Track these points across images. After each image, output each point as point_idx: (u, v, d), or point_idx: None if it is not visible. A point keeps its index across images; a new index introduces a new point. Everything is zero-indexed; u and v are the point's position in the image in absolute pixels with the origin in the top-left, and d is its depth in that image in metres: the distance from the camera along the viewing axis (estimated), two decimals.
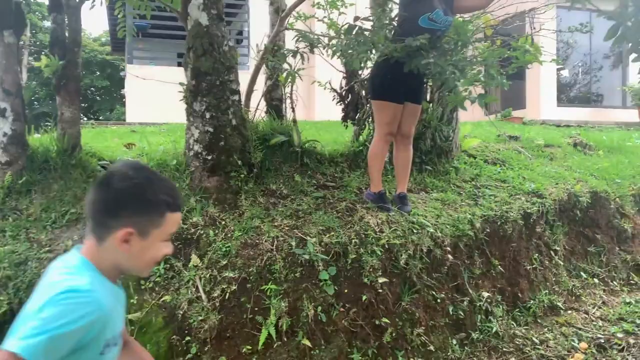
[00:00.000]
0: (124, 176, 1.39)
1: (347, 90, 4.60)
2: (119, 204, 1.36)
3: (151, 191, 1.39)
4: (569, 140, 6.47)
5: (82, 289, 1.27)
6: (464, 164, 5.08)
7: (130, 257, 1.39)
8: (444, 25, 3.59)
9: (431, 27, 3.52)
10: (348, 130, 5.05)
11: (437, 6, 3.56)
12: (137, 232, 1.37)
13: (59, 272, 1.34)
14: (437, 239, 3.77)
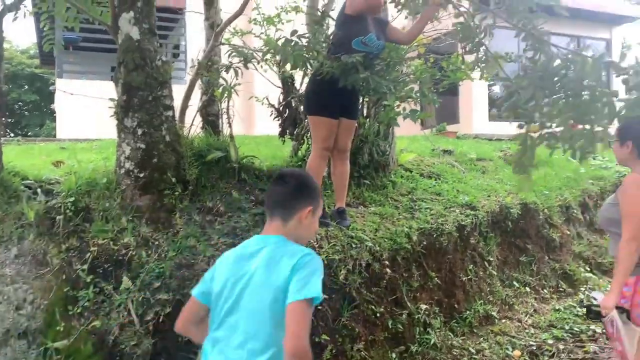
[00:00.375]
0: (294, 173, 2.04)
1: (284, 105, 4.59)
2: (301, 191, 1.93)
3: (314, 182, 2.01)
4: (500, 154, 6.74)
5: (309, 249, 1.81)
6: (401, 178, 5.17)
7: (306, 228, 1.91)
8: (376, 49, 3.67)
9: (364, 49, 3.58)
10: (287, 145, 5.03)
11: (370, 30, 3.63)
12: (312, 210, 1.91)
13: (280, 245, 1.82)
14: (375, 253, 3.80)
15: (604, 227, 2.87)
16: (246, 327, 1.71)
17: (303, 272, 1.69)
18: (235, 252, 1.91)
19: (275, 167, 4.44)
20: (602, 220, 2.80)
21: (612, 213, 2.62)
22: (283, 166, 4.52)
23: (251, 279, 1.76)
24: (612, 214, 2.61)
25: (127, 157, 3.61)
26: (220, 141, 4.23)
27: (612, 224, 2.62)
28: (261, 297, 1.71)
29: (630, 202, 2.49)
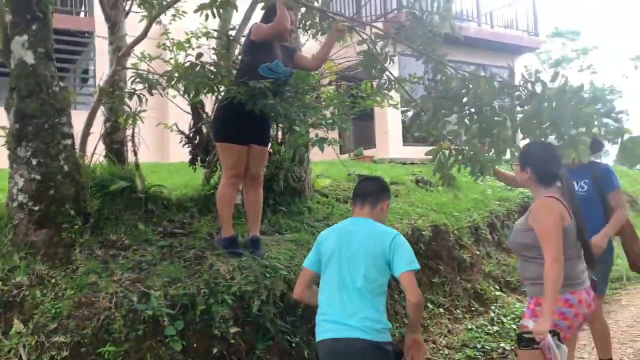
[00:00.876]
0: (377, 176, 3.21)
1: (194, 131, 4.47)
2: (384, 188, 2.81)
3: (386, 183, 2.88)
4: (412, 177, 6.93)
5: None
6: (317, 204, 5.17)
7: (384, 215, 2.73)
8: (283, 75, 3.66)
9: (271, 76, 3.57)
10: (199, 173, 4.89)
11: (277, 57, 3.63)
12: (388, 204, 2.76)
13: (372, 224, 2.62)
14: (290, 282, 3.72)
15: (515, 251, 2.93)
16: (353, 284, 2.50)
17: (403, 249, 2.52)
18: (335, 229, 2.71)
19: (185, 197, 4.29)
20: (515, 246, 2.83)
21: (525, 238, 2.67)
22: (194, 195, 4.37)
23: (355, 246, 2.54)
24: (525, 239, 2.66)
25: (20, 189, 3.36)
26: (125, 170, 4.04)
27: (525, 249, 2.69)
28: (364, 259, 2.50)
29: (545, 227, 2.55)
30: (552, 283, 2.46)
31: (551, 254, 2.49)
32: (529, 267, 2.69)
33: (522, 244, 2.71)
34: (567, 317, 2.57)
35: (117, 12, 4.28)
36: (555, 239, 2.52)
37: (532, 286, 2.70)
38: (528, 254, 2.67)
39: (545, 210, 2.60)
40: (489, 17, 12.99)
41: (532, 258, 2.64)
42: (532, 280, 2.67)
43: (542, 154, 2.74)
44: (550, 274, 2.47)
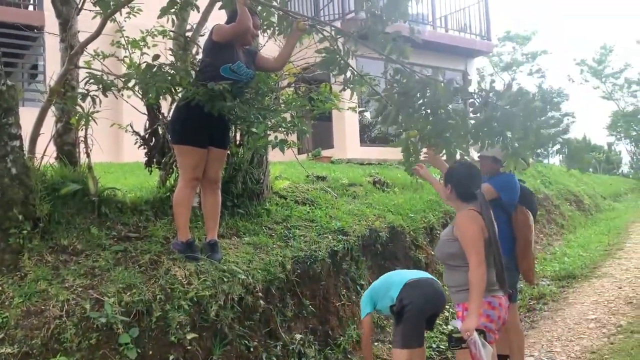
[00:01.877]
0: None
1: (150, 133, 4.37)
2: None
3: None
4: (370, 178, 7.00)
5: None
6: (276, 206, 5.15)
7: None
8: (245, 77, 3.63)
9: (232, 77, 3.53)
10: (155, 175, 4.78)
11: (239, 58, 3.59)
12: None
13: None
14: (248, 286, 3.71)
15: (442, 260, 3.17)
16: None
17: None
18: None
19: (140, 199, 4.19)
20: (442, 255, 3.10)
21: (451, 248, 2.95)
22: (149, 198, 4.28)
23: None
24: (451, 248, 2.94)
25: None
26: (77, 172, 3.91)
27: (451, 258, 2.97)
28: None
29: (469, 236, 2.84)
30: (477, 284, 2.74)
31: (475, 259, 2.77)
32: (454, 275, 2.95)
33: (448, 253, 2.98)
34: (493, 320, 2.84)
35: (69, 9, 4.12)
36: (478, 246, 2.81)
37: (458, 293, 2.93)
38: (453, 262, 2.94)
39: (469, 221, 2.89)
40: (444, 20, 13.26)
41: (457, 266, 2.90)
42: (458, 287, 2.91)
43: (463, 174, 3.05)
44: (475, 276, 2.75)
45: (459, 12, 13.36)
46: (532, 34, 30.11)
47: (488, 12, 13.67)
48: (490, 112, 3.04)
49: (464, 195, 3.00)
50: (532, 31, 30.01)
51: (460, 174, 3.06)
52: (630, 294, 5.70)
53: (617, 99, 33.46)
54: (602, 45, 32.01)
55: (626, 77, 32.39)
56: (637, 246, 8.29)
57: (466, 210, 2.95)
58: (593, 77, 32.76)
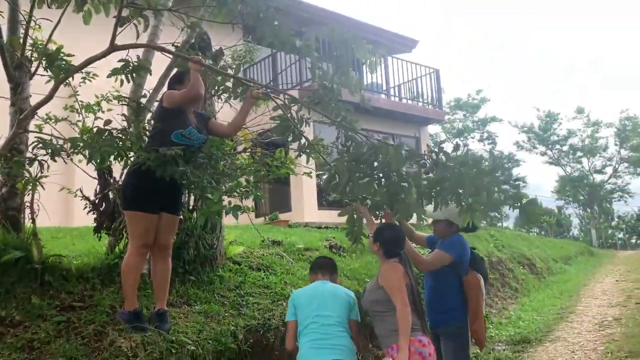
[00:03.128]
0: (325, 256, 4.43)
1: (100, 197, 4.27)
2: (335, 265, 3.72)
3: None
4: (326, 243, 6.98)
5: None
6: (229, 272, 5.05)
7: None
8: (197, 142, 3.63)
9: (183, 142, 3.53)
10: (105, 240, 4.64)
11: (190, 123, 3.61)
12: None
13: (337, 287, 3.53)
14: (198, 357, 3.58)
15: (368, 308, 3.32)
16: None
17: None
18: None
19: (86, 266, 4.04)
20: (368, 304, 3.30)
21: (376, 295, 3.22)
22: (96, 264, 4.13)
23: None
24: (377, 295, 3.21)
25: None
26: (21, 239, 3.76)
27: (377, 304, 3.21)
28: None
29: (394, 281, 3.16)
30: (405, 321, 3.01)
31: (401, 300, 3.07)
32: (382, 321, 3.18)
33: (373, 300, 3.23)
34: (425, 357, 3.05)
35: (21, 73, 4.10)
36: (402, 290, 3.12)
37: (389, 337, 3.11)
38: (380, 308, 3.18)
39: (392, 270, 3.22)
40: (397, 90, 13.82)
41: (383, 312, 3.16)
42: (388, 331, 3.12)
43: (391, 237, 3.37)
44: (402, 314, 3.03)
45: (412, 81, 13.98)
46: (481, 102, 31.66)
47: (439, 82, 14.35)
48: (441, 173, 3.16)
49: (389, 253, 3.33)
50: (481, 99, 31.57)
51: (387, 236, 3.38)
52: (583, 359, 5.75)
53: (563, 165, 35.09)
54: (547, 113, 33.88)
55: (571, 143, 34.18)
56: (587, 309, 8.46)
57: (389, 262, 3.29)
58: (540, 144, 34.42)
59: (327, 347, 3.12)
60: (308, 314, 3.25)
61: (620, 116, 33.40)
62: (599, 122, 33.71)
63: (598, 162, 34.62)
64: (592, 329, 7.00)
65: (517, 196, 3.09)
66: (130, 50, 3.83)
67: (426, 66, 14.18)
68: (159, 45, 3.78)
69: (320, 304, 3.26)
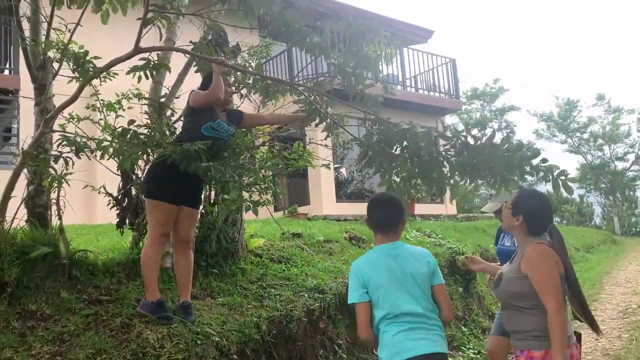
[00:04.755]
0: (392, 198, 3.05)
1: (123, 193, 4.36)
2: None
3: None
4: (345, 234, 7.02)
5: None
6: (251, 264, 5.11)
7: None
8: (226, 135, 3.71)
9: (214, 135, 3.61)
10: (128, 235, 4.74)
11: (218, 117, 3.69)
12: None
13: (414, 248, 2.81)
14: (223, 348, 3.63)
15: (507, 301, 2.62)
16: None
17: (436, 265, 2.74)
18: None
19: (112, 261, 4.13)
20: (505, 295, 2.61)
21: (519, 287, 2.52)
22: (121, 259, 4.22)
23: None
24: (520, 287, 2.51)
25: None
26: (48, 235, 3.86)
27: (519, 299, 2.53)
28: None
29: (545, 274, 2.45)
30: (560, 333, 2.34)
31: (554, 303, 2.38)
32: (521, 318, 2.53)
33: (515, 293, 2.54)
34: None
35: (45, 74, 4.19)
36: (557, 287, 2.43)
37: (525, 340, 2.49)
38: (521, 304, 2.52)
39: (543, 257, 2.49)
40: (414, 80, 13.76)
41: (525, 308, 2.51)
42: (526, 332, 2.50)
43: (536, 205, 2.66)
44: (555, 323, 2.35)
45: (428, 72, 13.90)
46: (498, 91, 31.31)
47: (456, 72, 14.25)
48: (471, 152, 3.21)
49: (535, 229, 2.61)
50: (498, 88, 31.22)
51: (532, 205, 2.66)
52: (607, 346, 5.71)
53: (584, 152, 34.58)
54: (566, 100, 33.38)
55: (591, 131, 33.66)
56: (611, 297, 8.38)
57: (536, 244, 2.55)
58: (559, 132, 33.93)
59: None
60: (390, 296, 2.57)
61: None
62: (620, 109, 33.13)
63: (620, 149, 34.05)
64: (616, 316, 6.94)
65: (548, 168, 3.15)
66: None
67: (442, 56, 14.09)
68: (182, 48, 3.85)
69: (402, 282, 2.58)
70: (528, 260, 2.51)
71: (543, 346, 2.42)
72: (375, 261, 2.67)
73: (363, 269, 2.67)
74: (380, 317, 2.58)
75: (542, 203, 2.69)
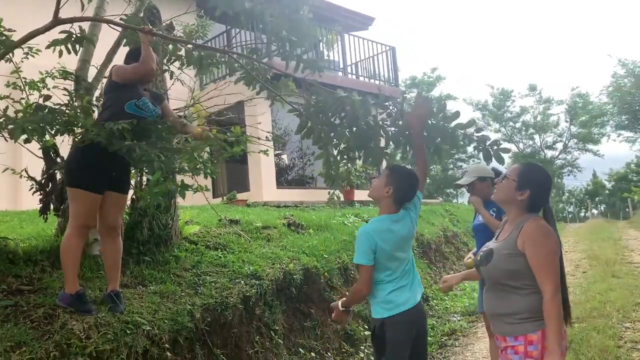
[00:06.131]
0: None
1: (46, 178, 4.12)
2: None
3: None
4: (284, 220, 6.98)
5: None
6: (185, 252, 4.99)
7: None
8: (150, 114, 3.55)
9: (138, 113, 3.45)
10: (54, 222, 4.50)
11: (143, 95, 3.53)
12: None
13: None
14: (154, 337, 3.53)
15: (497, 280, 2.40)
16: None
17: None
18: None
19: (34, 249, 3.91)
20: (499, 273, 2.38)
21: (514, 264, 2.33)
22: (45, 247, 4.00)
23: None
24: (515, 265, 2.32)
25: None
26: None
27: (511, 277, 2.34)
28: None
29: (545, 252, 2.27)
30: (556, 318, 2.20)
31: (551, 286, 2.22)
32: (511, 299, 2.34)
33: (508, 270, 2.34)
34: (563, 352, 2.30)
35: None
36: (556, 267, 2.27)
37: (518, 324, 2.31)
38: (512, 282, 2.33)
39: (544, 235, 2.31)
40: (354, 67, 13.82)
41: (516, 288, 2.33)
42: (517, 315, 2.32)
43: (545, 179, 2.47)
44: (552, 308, 2.21)
45: (368, 59, 13.99)
46: (436, 79, 32.06)
47: (395, 60, 14.41)
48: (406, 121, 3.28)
49: (536, 205, 2.44)
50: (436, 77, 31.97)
51: (541, 179, 2.46)
52: None
53: (516, 141, 36.04)
54: (501, 90, 34.61)
55: (524, 120, 35.11)
56: None
57: (536, 220, 2.37)
58: (494, 121, 35.20)
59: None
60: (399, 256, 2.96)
61: (572, 93, 34.47)
62: (550, 100, 34.73)
63: (549, 139, 35.76)
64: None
65: (482, 138, 3.27)
66: (76, 24, 3.67)
67: (382, 44, 14.21)
68: (105, 18, 3.64)
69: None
70: (528, 237, 2.30)
71: (538, 326, 2.26)
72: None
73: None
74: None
75: (549, 178, 2.50)
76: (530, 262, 2.27)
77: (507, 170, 2.56)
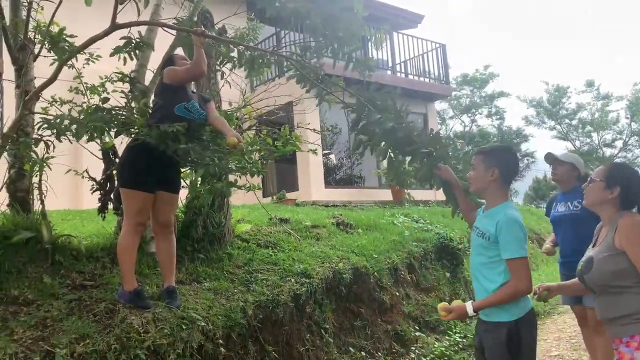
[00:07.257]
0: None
1: (105, 178, 4.30)
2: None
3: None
4: (333, 220, 7.01)
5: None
6: (237, 249, 5.09)
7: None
8: (199, 117, 3.64)
9: (187, 116, 3.55)
10: (114, 221, 4.69)
11: (192, 98, 3.62)
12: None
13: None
14: (208, 333, 3.62)
15: (603, 284, 2.35)
16: None
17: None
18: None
19: (96, 246, 4.09)
20: (603, 276, 2.33)
21: (617, 264, 2.28)
22: (106, 244, 4.18)
23: None
24: (619, 264, 2.28)
25: None
26: (30, 220, 3.80)
27: (620, 277, 2.28)
28: None
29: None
30: None
31: None
32: (623, 300, 2.28)
33: (612, 272, 2.29)
34: None
35: (24, 55, 4.10)
36: None
37: (635, 323, 2.24)
38: (621, 282, 2.27)
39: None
40: (403, 66, 13.70)
41: (627, 287, 2.26)
42: (633, 315, 2.25)
43: (632, 175, 2.45)
44: None
45: (418, 57, 13.84)
46: (489, 76, 31.31)
47: (445, 57, 14.20)
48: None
49: (629, 201, 2.41)
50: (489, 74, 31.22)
51: (629, 175, 2.44)
52: None
53: (572, 139, 34.76)
54: (556, 87, 33.45)
55: (580, 117, 33.81)
56: None
57: (631, 216, 2.34)
58: (549, 119, 34.07)
59: None
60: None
61: (633, 89, 32.93)
62: (609, 96, 33.29)
63: (608, 136, 34.27)
64: None
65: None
66: (133, 29, 3.82)
67: (432, 41, 14.02)
68: (160, 22, 3.77)
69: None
70: (624, 233, 2.27)
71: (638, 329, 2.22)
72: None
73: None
74: None
75: (636, 174, 2.47)
76: (632, 259, 2.24)
77: (592, 174, 2.55)
